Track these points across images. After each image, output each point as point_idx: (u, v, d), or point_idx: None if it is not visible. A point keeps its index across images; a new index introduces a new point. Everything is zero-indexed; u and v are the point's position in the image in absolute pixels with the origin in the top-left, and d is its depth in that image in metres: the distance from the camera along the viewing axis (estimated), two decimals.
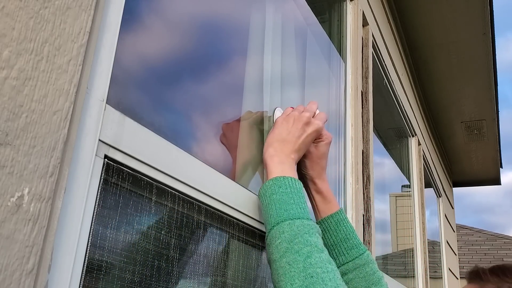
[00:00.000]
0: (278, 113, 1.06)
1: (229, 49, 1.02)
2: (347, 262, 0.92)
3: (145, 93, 0.73)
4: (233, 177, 0.94)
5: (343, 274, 0.92)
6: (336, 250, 0.93)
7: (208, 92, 0.91)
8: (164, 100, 0.79)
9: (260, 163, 1.03)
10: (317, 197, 0.98)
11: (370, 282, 0.91)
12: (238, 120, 1.01)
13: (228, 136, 0.97)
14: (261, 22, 1.15)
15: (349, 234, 0.94)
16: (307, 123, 0.93)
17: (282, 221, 0.75)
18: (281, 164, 0.86)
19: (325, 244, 0.91)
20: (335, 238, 0.94)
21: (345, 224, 0.96)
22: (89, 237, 0.53)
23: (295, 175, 0.87)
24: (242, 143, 0.99)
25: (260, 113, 1.07)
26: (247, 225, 0.89)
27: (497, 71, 2.97)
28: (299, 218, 0.76)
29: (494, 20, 2.59)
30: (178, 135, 0.81)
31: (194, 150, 0.82)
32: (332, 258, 0.87)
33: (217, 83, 0.95)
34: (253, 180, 1.02)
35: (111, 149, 0.57)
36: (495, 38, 2.73)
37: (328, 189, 0.99)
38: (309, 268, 0.68)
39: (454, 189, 4.90)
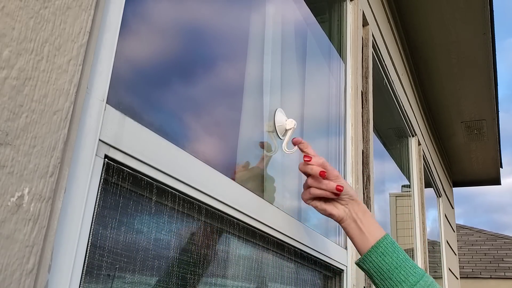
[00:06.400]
0: (279, 114, 1.06)
1: (229, 50, 1.02)
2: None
3: (145, 93, 0.73)
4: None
5: None
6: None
7: (208, 92, 0.91)
8: (164, 100, 0.79)
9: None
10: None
11: None
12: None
13: None
14: (261, 22, 1.15)
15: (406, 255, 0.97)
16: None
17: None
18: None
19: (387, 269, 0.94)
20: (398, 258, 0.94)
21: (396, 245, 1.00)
22: (89, 237, 0.53)
23: None
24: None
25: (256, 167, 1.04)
26: (247, 225, 0.89)
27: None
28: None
29: (494, 20, 2.59)
30: (179, 135, 0.81)
31: (194, 150, 0.82)
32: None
33: (217, 83, 0.95)
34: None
35: (111, 149, 0.57)
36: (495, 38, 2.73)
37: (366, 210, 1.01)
38: None
39: (466, 188, 4.91)
